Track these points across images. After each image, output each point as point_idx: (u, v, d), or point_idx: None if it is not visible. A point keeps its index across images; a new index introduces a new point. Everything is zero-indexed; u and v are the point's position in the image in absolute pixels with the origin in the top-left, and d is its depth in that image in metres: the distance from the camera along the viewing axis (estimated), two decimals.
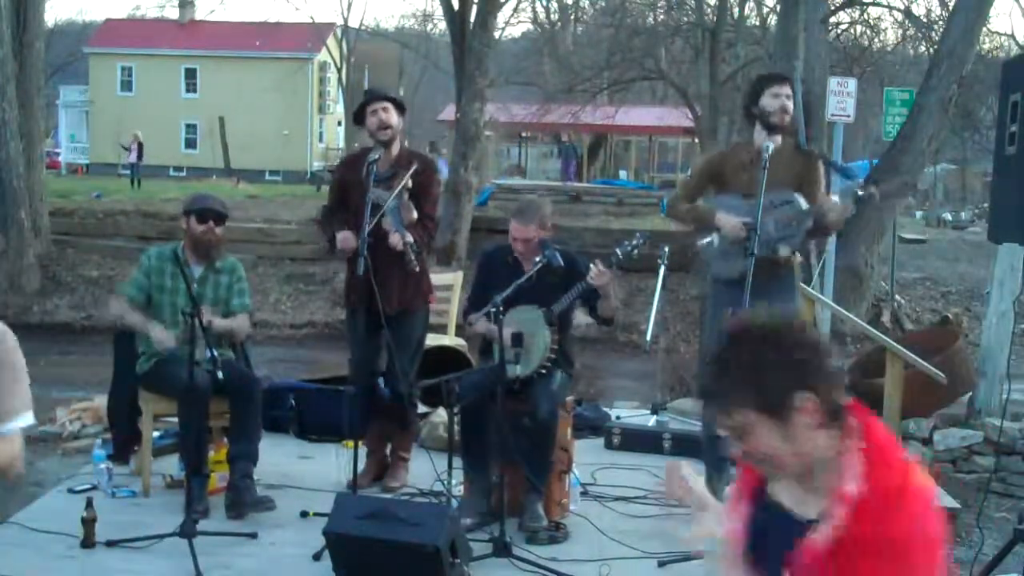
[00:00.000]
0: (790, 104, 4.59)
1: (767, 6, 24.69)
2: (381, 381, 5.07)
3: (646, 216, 21.47)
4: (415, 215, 4.81)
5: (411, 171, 4.80)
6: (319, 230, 5.25)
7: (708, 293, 4.97)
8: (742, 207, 4.56)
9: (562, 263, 4.51)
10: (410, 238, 4.70)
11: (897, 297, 14.36)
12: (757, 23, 25.33)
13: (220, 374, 4.37)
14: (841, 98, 10.41)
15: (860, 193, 4.44)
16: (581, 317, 4.90)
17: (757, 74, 4.99)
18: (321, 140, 43.49)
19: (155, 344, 4.73)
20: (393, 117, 4.93)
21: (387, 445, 5.23)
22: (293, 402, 6.03)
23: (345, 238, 4.78)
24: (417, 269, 4.77)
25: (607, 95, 29.60)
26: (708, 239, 4.71)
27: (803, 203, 4.56)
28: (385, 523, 3.73)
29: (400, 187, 4.71)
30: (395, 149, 4.96)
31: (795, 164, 4.64)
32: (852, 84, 10.66)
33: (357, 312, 4.76)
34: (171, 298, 4.78)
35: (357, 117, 5.06)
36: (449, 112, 27.35)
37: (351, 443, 4.93)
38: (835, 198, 4.57)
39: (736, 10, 25.28)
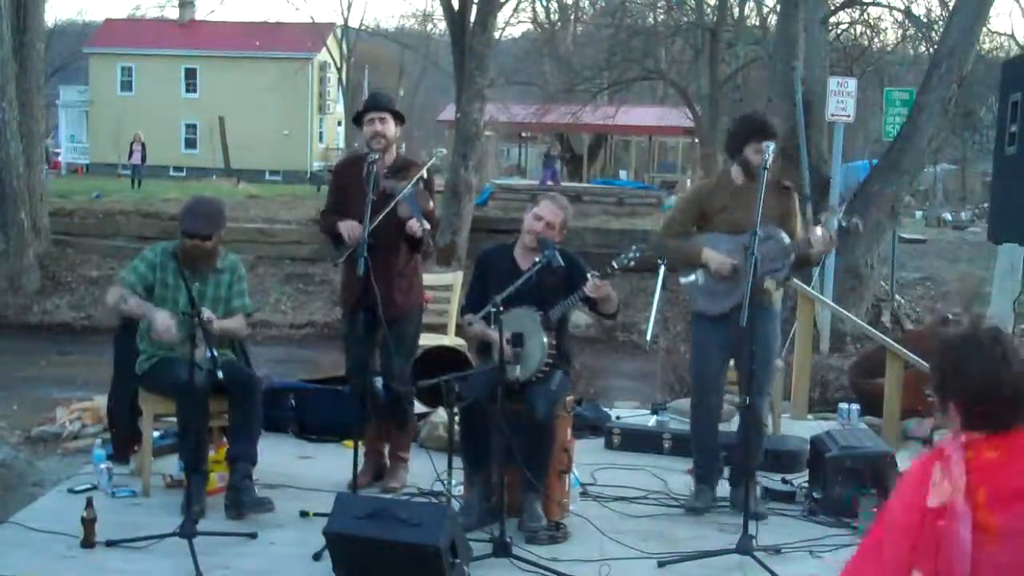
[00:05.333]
0: (771, 158, 4.65)
1: (767, 6, 24.71)
2: (378, 381, 5.09)
3: (646, 216, 21.47)
4: (431, 203, 4.87)
5: (428, 164, 4.93)
6: (322, 231, 5.27)
7: (692, 327, 5.06)
8: (726, 244, 4.68)
9: (562, 263, 4.51)
10: (427, 225, 4.74)
11: (897, 297, 14.34)
12: (757, 23, 25.33)
13: (220, 374, 4.37)
14: (841, 98, 10.42)
15: (843, 224, 4.60)
16: (582, 318, 4.91)
17: (744, 119, 5.02)
18: (321, 140, 43.49)
19: (156, 332, 4.62)
20: (389, 128, 4.98)
21: (385, 445, 5.24)
22: (293, 402, 6.03)
23: (351, 227, 4.79)
24: (433, 252, 4.82)
25: (607, 95, 29.60)
26: (692, 277, 4.84)
27: (786, 238, 4.71)
28: (385, 523, 3.72)
29: (417, 177, 4.77)
30: (389, 157, 5.01)
31: (775, 200, 4.73)
32: (852, 84, 10.67)
33: (356, 313, 4.76)
34: (173, 295, 4.77)
35: (357, 120, 5.13)
36: (449, 112, 27.33)
37: (351, 443, 4.94)
38: (819, 231, 4.66)
39: (736, 10, 25.30)
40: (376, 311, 4.64)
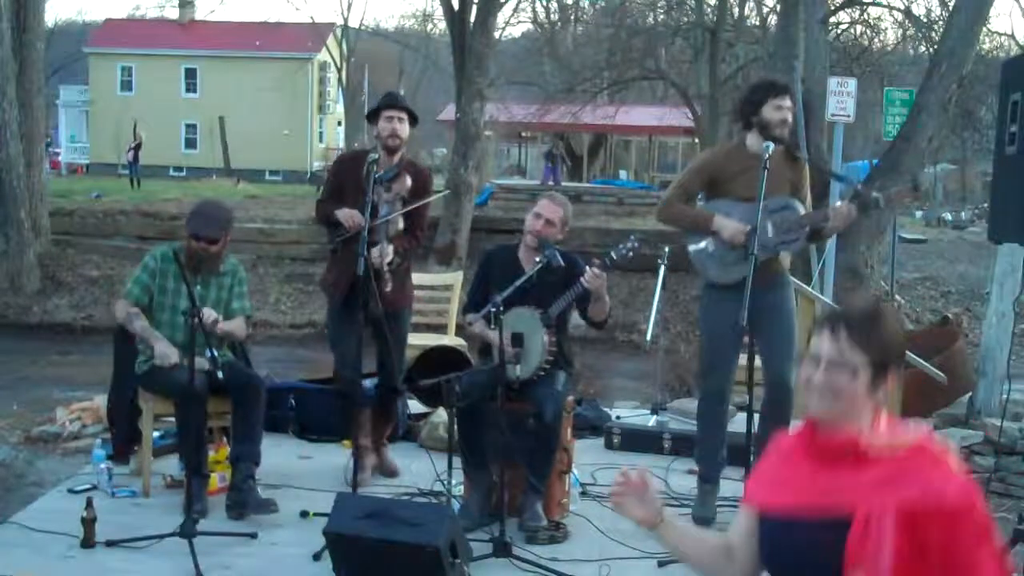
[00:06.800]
0: (791, 116, 4.58)
1: (767, 6, 24.74)
2: (369, 382, 5.11)
3: (646, 216, 21.48)
4: (401, 225, 4.89)
5: (410, 176, 4.91)
6: (318, 220, 5.24)
7: (703, 298, 4.90)
8: (738, 212, 4.54)
9: (562, 263, 4.51)
10: (390, 255, 4.75)
11: (897, 297, 14.36)
12: (757, 23, 25.37)
13: (220, 374, 4.36)
14: (841, 98, 10.41)
15: (867, 196, 4.49)
16: (576, 318, 4.90)
17: (758, 81, 4.91)
18: (321, 140, 43.52)
19: (157, 360, 4.70)
20: (405, 128, 5.01)
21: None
22: (293, 402, 6.03)
23: (350, 214, 4.78)
24: (389, 288, 4.77)
25: (607, 95, 29.63)
26: (701, 245, 4.68)
27: (800, 208, 4.60)
28: (385, 523, 3.72)
29: (394, 196, 4.79)
30: (397, 157, 5.01)
31: (788, 170, 4.65)
32: (852, 84, 10.66)
33: (353, 310, 4.72)
34: (173, 299, 4.77)
35: (371, 116, 5.12)
36: (449, 112, 27.34)
37: (351, 443, 4.93)
38: (838, 202, 4.60)
39: (736, 10, 25.33)
40: (367, 310, 4.60)
